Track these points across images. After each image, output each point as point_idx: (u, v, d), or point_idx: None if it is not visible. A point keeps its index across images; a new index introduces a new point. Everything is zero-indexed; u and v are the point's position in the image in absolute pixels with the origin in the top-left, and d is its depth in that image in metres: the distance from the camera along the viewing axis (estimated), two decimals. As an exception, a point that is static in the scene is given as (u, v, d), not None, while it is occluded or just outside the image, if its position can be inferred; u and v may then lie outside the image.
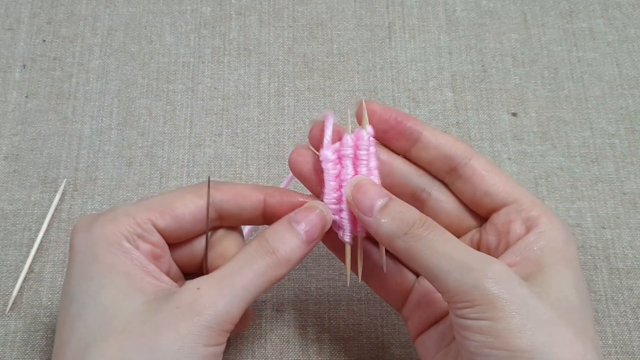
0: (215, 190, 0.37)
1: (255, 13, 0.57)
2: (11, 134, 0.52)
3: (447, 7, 0.57)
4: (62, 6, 0.57)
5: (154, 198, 0.36)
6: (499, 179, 0.37)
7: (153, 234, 0.35)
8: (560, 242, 0.35)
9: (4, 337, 0.45)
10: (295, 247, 0.35)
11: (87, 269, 0.33)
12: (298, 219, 0.36)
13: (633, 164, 0.51)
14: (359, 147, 0.37)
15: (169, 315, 0.32)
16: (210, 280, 0.33)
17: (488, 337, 0.31)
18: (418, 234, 0.33)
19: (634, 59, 0.55)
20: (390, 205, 0.35)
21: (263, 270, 0.34)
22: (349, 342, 0.45)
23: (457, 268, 0.32)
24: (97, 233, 0.34)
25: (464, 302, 0.32)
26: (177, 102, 0.53)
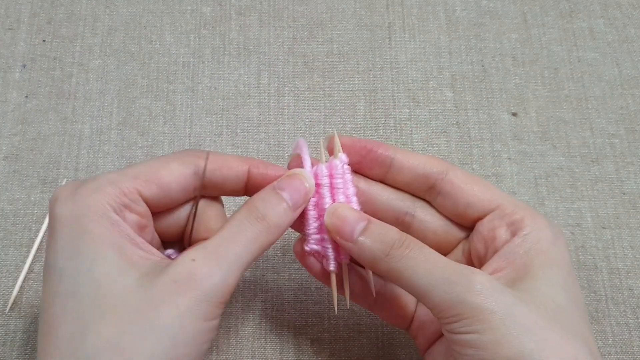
0: (199, 158, 0.36)
1: (255, 13, 0.57)
2: (11, 134, 0.52)
3: (447, 7, 0.57)
4: (62, 6, 0.57)
5: (139, 166, 0.35)
6: (478, 188, 0.38)
7: (139, 203, 0.35)
8: (546, 242, 0.35)
9: (4, 337, 0.45)
10: (283, 213, 0.35)
11: (75, 242, 0.32)
12: (282, 186, 0.36)
13: (633, 164, 0.51)
14: (334, 176, 0.37)
15: (166, 289, 0.31)
16: (204, 251, 0.33)
17: (477, 350, 0.31)
18: (398, 254, 0.34)
19: (634, 59, 0.55)
20: (370, 228, 0.35)
21: (255, 236, 0.34)
22: (349, 342, 0.45)
23: (439, 284, 0.32)
24: (82, 203, 0.32)
25: (450, 317, 0.32)
26: (177, 102, 0.53)
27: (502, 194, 0.38)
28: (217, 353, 0.45)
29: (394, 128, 0.52)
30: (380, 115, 0.53)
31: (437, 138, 0.52)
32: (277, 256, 0.48)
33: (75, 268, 0.31)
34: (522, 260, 0.35)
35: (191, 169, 0.36)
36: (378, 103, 0.53)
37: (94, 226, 0.32)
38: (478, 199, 0.37)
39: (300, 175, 0.36)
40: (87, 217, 0.32)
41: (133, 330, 0.30)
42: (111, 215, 0.33)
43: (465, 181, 0.38)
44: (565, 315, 0.33)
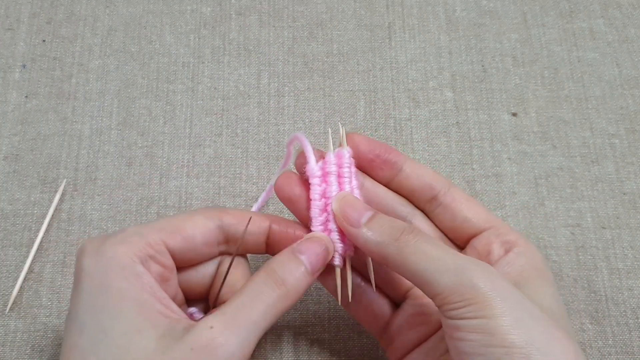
0: (224, 214, 0.37)
1: (255, 13, 0.57)
2: (11, 134, 0.52)
3: (447, 7, 0.57)
4: (62, 6, 0.57)
5: (164, 219, 0.36)
6: (476, 208, 0.40)
7: (165, 255, 0.35)
8: (538, 262, 0.37)
9: (4, 337, 0.45)
10: (301, 278, 0.35)
11: (97, 297, 0.32)
12: (302, 250, 0.36)
13: (633, 164, 0.51)
14: (341, 165, 0.38)
15: (183, 357, 0.31)
16: (223, 317, 0.33)
17: (483, 335, 0.31)
18: (408, 239, 0.34)
19: (634, 59, 0.55)
20: (377, 216, 0.36)
21: (274, 302, 0.34)
22: (349, 342, 0.45)
23: (450, 269, 0.33)
24: (108, 255, 0.33)
25: (458, 302, 0.32)
26: (177, 102, 0.53)
27: (497, 217, 0.40)
28: (217, 353, 0.45)
29: (394, 128, 0.52)
30: (380, 115, 0.53)
31: (437, 138, 0.52)
32: (277, 256, 0.48)
33: (96, 323, 0.32)
34: (517, 272, 0.36)
35: (215, 223, 0.36)
36: (378, 103, 0.53)
37: (117, 280, 0.32)
38: (476, 216, 0.39)
39: (319, 238, 0.37)
40: (111, 270, 0.33)
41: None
42: (136, 267, 0.33)
43: (465, 199, 0.40)
44: (560, 321, 0.34)
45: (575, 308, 0.46)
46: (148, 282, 0.33)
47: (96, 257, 0.33)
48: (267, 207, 0.50)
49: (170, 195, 0.50)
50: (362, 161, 0.40)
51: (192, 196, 0.50)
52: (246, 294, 0.34)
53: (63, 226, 0.49)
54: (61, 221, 0.49)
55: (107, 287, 0.32)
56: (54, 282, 0.47)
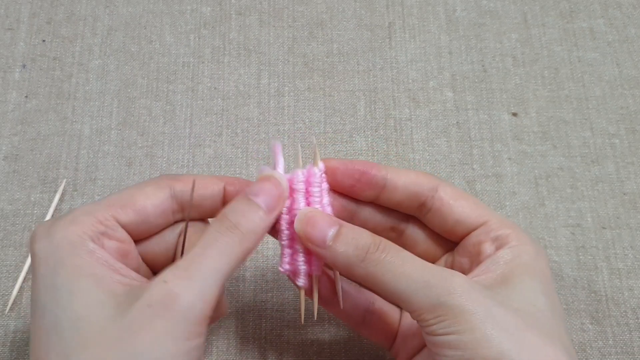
0: (175, 181, 0.36)
1: (255, 13, 0.57)
2: (11, 134, 0.52)
3: (447, 7, 0.57)
4: (62, 6, 0.57)
5: (114, 194, 0.35)
6: (467, 204, 0.38)
7: (117, 230, 0.34)
8: (528, 257, 0.35)
9: (4, 337, 0.45)
10: (257, 219, 0.34)
11: (53, 277, 0.32)
12: (255, 192, 0.35)
13: (633, 164, 0.51)
14: (311, 184, 0.37)
15: (142, 315, 0.30)
16: (176, 270, 0.32)
17: (457, 351, 0.31)
18: (374, 258, 0.33)
19: (634, 59, 0.55)
20: (342, 232, 0.34)
21: (229, 247, 0.33)
22: (349, 342, 0.45)
23: (418, 288, 0.32)
24: (58, 237, 0.33)
25: (430, 320, 0.32)
26: (177, 102, 0.53)
27: (490, 210, 0.38)
28: (217, 353, 0.45)
29: (394, 128, 0.52)
30: (380, 115, 0.53)
31: (437, 138, 0.52)
32: (277, 256, 0.48)
33: (55, 303, 0.32)
34: (502, 269, 0.35)
35: (166, 192, 0.36)
36: (378, 103, 0.53)
37: (70, 258, 0.32)
38: (466, 216, 0.37)
39: (273, 177, 0.36)
40: (62, 249, 0.32)
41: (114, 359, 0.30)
42: (87, 244, 0.33)
43: (454, 197, 0.38)
44: (545, 320, 0.33)
45: (575, 308, 0.46)
46: (102, 257, 0.33)
47: (47, 240, 0.33)
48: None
49: (170, 195, 0.50)
50: (342, 188, 0.38)
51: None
52: (199, 245, 0.33)
53: (63, 226, 0.48)
54: (61, 221, 0.49)
55: (62, 267, 0.32)
56: (54, 282, 0.47)
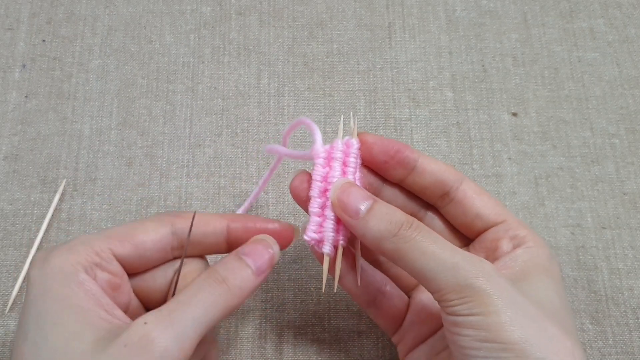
0: (177, 218, 0.36)
1: (255, 13, 0.57)
2: (11, 134, 0.52)
3: (447, 7, 0.57)
4: (62, 6, 0.57)
5: (114, 228, 0.36)
6: (488, 201, 0.39)
7: (112, 262, 0.35)
8: (544, 258, 0.37)
9: (4, 337, 0.45)
10: (245, 278, 0.35)
11: (40, 304, 0.32)
12: (246, 252, 0.36)
13: (633, 164, 0.51)
14: (347, 154, 0.38)
15: (117, 354, 0.30)
16: (158, 314, 0.32)
17: (480, 331, 0.32)
18: (407, 235, 0.34)
19: (634, 59, 0.55)
20: (376, 207, 0.35)
21: (214, 299, 0.33)
22: (349, 342, 0.45)
23: (447, 268, 0.33)
24: (52, 264, 0.33)
25: (456, 300, 0.33)
26: (177, 102, 0.53)
27: (509, 211, 0.39)
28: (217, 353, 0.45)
29: (394, 128, 0.52)
30: (380, 115, 0.53)
31: (437, 138, 0.52)
32: (277, 256, 0.48)
33: (37, 330, 0.32)
34: (520, 267, 0.36)
35: (168, 228, 0.36)
36: (378, 103, 0.53)
37: (59, 287, 0.32)
38: (487, 211, 0.39)
39: (265, 240, 0.37)
40: (54, 278, 0.33)
41: None
42: (79, 275, 0.33)
43: (477, 192, 0.39)
44: (560, 317, 0.34)
45: (575, 308, 0.46)
46: (91, 289, 0.33)
47: (41, 267, 0.33)
48: (267, 208, 0.50)
49: (170, 195, 0.50)
50: (375, 163, 0.39)
51: (192, 196, 0.50)
52: (185, 293, 0.33)
53: (63, 226, 0.48)
54: (61, 221, 0.49)
55: (49, 295, 0.32)
56: (54, 282, 0.46)
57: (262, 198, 0.50)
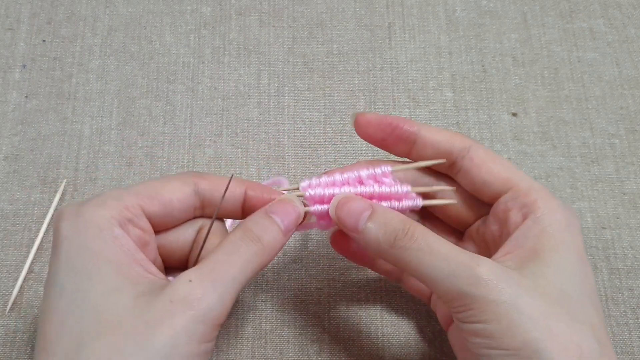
0: (200, 179, 0.37)
1: (255, 13, 0.57)
2: (11, 134, 0.52)
3: (447, 7, 0.57)
4: (62, 6, 0.57)
5: (141, 184, 0.36)
6: (495, 167, 0.38)
7: (142, 219, 0.35)
8: (558, 226, 0.35)
9: (4, 337, 0.45)
10: (276, 236, 0.35)
11: (75, 259, 0.32)
12: (275, 211, 0.36)
13: (633, 164, 0.51)
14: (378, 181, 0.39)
15: (162, 310, 0.31)
16: (200, 272, 0.33)
17: (484, 339, 0.32)
18: (403, 245, 0.34)
19: (634, 59, 0.55)
20: (373, 219, 0.35)
21: (250, 258, 0.34)
22: (349, 342, 0.45)
23: (445, 276, 0.33)
24: (86, 218, 0.33)
25: (458, 307, 0.33)
26: (177, 102, 0.53)
27: (520, 174, 0.38)
28: (217, 353, 0.45)
29: (394, 128, 0.52)
30: (380, 115, 0.53)
31: (437, 138, 0.52)
32: (277, 256, 0.48)
33: (74, 285, 0.32)
34: (532, 243, 0.35)
35: (191, 188, 0.36)
36: (378, 103, 0.53)
37: (95, 241, 0.32)
38: (494, 178, 0.38)
39: (291, 200, 0.37)
40: (88, 231, 0.33)
41: (128, 350, 0.30)
42: (114, 229, 0.33)
43: (484, 159, 0.38)
44: (572, 302, 0.33)
45: (575, 308, 0.46)
46: (126, 244, 0.33)
47: (74, 220, 0.33)
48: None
49: (170, 195, 0.50)
50: (374, 141, 0.40)
51: (192, 196, 0.50)
52: (223, 251, 0.34)
53: (63, 226, 0.48)
54: (61, 221, 0.49)
55: (85, 249, 0.32)
56: (54, 282, 0.47)
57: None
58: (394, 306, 0.46)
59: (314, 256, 0.48)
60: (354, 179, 0.38)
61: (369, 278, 0.47)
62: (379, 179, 0.38)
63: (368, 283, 0.47)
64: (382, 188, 0.38)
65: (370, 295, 0.47)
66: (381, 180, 0.38)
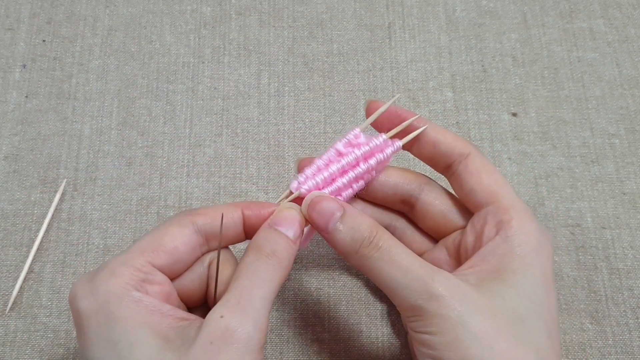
0: (195, 216, 0.37)
1: (255, 13, 0.57)
2: (11, 134, 0.52)
3: (447, 7, 0.57)
4: (62, 6, 0.57)
5: (142, 241, 0.36)
6: (486, 178, 0.38)
7: (156, 274, 0.35)
8: (527, 248, 0.35)
9: (4, 337, 0.45)
10: (287, 246, 0.35)
11: (108, 332, 0.32)
12: (277, 222, 0.36)
13: (633, 164, 0.51)
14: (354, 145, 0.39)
15: (206, 353, 0.31)
16: (229, 304, 0.33)
17: (429, 349, 0.33)
18: (366, 253, 0.35)
19: (634, 59, 0.55)
20: (344, 219, 0.36)
21: (271, 275, 0.34)
22: (349, 342, 0.45)
23: (400, 287, 0.34)
24: (102, 291, 0.33)
25: (410, 317, 0.34)
26: (177, 102, 0.53)
27: (506, 190, 0.38)
28: (217, 353, 0.45)
29: (394, 128, 0.52)
30: (380, 115, 0.53)
31: (437, 138, 0.52)
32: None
33: (115, 356, 0.32)
34: (497, 261, 0.35)
35: (191, 229, 0.36)
36: (378, 103, 0.53)
37: (120, 311, 0.32)
38: (481, 189, 0.38)
39: (290, 208, 0.37)
40: (110, 304, 0.32)
41: None
42: (132, 294, 0.33)
43: (478, 169, 0.38)
44: (523, 325, 0.33)
45: (575, 308, 0.46)
46: (150, 303, 0.33)
47: (92, 296, 0.33)
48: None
49: (170, 195, 0.50)
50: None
51: (192, 196, 0.50)
52: (243, 277, 0.34)
53: (63, 226, 0.48)
54: (61, 221, 0.49)
55: (115, 320, 0.32)
56: (54, 282, 0.47)
57: (262, 198, 0.50)
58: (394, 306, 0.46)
59: (314, 256, 0.48)
60: (334, 155, 0.39)
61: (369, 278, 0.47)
62: (355, 143, 0.39)
63: (368, 283, 0.47)
64: (363, 149, 0.38)
65: (370, 295, 0.47)
66: (357, 143, 0.39)
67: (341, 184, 0.39)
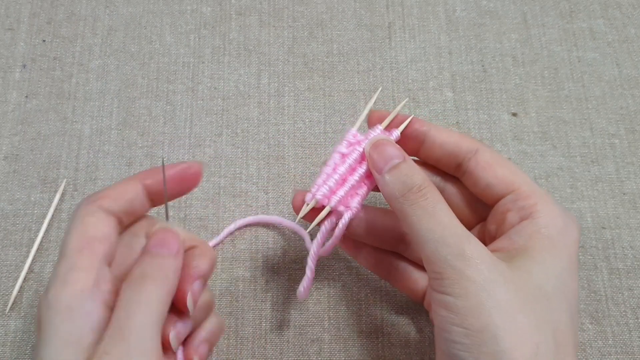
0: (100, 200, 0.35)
1: (255, 13, 0.57)
2: (11, 134, 0.52)
3: (447, 7, 0.57)
4: (62, 6, 0.57)
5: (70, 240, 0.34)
6: (500, 170, 0.38)
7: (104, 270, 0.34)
8: (554, 229, 0.35)
9: (4, 337, 0.45)
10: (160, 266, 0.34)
11: None
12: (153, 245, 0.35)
13: (633, 164, 0.51)
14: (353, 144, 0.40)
15: None
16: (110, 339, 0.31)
17: (450, 313, 0.32)
18: (412, 199, 0.35)
19: (634, 59, 0.55)
20: (400, 167, 0.36)
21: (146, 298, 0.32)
22: (349, 342, 0.45)
23: (434, 240, 0.33)
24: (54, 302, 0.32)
25: (435, 273, 0.33)
26: (177, 102, 0.53)
27: (524, 178, 0.38)
28: (217, 353, 0.45)
29: (394, 128, 0.52)
30: (380, 115, 0.53)
31: (437, 138, 0.52)
32: (277, 256, 0.48)
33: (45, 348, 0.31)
34: (524, 241, 0.35)
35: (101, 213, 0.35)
36: (378, 103, 0.53)
37: None
38: (498, 181, 0.38)
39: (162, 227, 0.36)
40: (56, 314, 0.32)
41: None
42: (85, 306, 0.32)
43: (489, 162, 0.38)
44: (545, 304, 0.33)
45: (575, 308, 0.46)
46: None
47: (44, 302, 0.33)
48: (267, 208, 0.50)
49: (170, 195, 0.50)
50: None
51: (192, 196, 0.50)
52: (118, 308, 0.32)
53: (63, 226, 0.48)
54: (61, 221, 0.49)
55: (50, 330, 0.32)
56: (54, 282, 0.47)
57: (262, 198, 0.50)
58: (394, 306, 0.46)
59: (314, 256, 0.48)
60: (338, 158, 0.39)
61: (369, 278, 0.47)
62: (354, 142, 0.39)
63: (368, 283, 0.47)
64: (363, 143, 0.39)
65: (370, 295, 0.47)
66: (356, 140, 0.39)
67: (353, 181, 0.39)
